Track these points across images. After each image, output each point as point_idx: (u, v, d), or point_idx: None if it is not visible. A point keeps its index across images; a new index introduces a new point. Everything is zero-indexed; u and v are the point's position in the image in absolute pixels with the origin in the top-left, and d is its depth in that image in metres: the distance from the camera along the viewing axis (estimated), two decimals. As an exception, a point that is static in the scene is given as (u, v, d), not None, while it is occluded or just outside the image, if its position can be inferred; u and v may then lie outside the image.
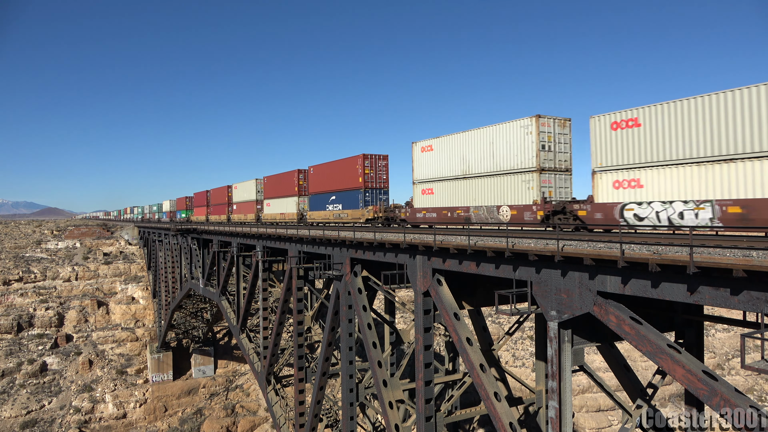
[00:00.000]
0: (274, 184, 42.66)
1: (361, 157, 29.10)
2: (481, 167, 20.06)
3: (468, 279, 17.94)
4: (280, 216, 40.70)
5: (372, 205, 28.74)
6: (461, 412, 21.52)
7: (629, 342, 10.91)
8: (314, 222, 35.25)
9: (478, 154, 20.19)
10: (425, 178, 23.43)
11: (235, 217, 52.86)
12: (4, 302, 72.32)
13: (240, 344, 40.60)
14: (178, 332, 70.45)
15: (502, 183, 19.09)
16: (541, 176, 17.61)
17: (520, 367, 58.15)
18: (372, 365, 21.27)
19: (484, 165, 19.93)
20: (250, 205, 48.05)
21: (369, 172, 29.06)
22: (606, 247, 11.36)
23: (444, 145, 22.20)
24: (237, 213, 52.21)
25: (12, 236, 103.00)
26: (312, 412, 29.07)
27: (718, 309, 22.22)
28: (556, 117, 18.02)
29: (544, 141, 17.72)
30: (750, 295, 8.85)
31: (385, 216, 27.60)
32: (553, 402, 12.60)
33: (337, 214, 32.13)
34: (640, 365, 53.60)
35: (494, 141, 19.37)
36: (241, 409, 66.45)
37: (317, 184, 35.12)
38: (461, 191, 21.16)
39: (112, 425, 62.21)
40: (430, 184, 23.14)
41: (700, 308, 14.12)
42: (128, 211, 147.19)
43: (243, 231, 36.86)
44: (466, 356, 15.52)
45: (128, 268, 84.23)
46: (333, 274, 23.53)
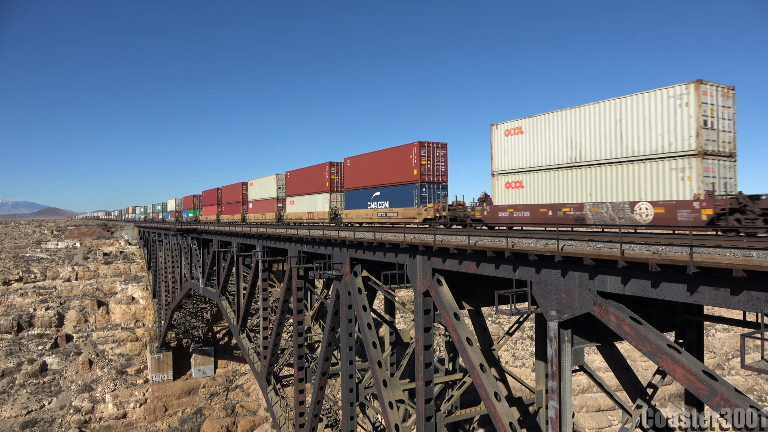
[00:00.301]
0: (300, 180, 38.82)
1: (416, 145, 24.99)
2: (602, 152, 16.08)
3: (468, 279, 17.94)
4: (308, 215, 37.28)
5: (431, 202, 25.07)
6: (461, 412, 21.53)
7: (629, 342, 10.91)
8: (352, 222, 31.61)
9: (597, 136, 16.29)
10: (510, 169, 19.57)
11: (251, 217, 49.01)
12: (4, 302, 72.31)
13: (240, 344, 40.60)
14: (178, 332, 70.43)
15: (638, 172, 15.08)
16: (703, 162, 13.64)
17: (520, 367, 58.15)
18: (372, 365, 21.26)
19: (606, 149, 15.97)
20: (270, 203, 44.50)
21: (426, 163, 25.00)
22: (606, 247, 11.36)
23: (539, 126, 18.34)
24: (253, 212, 48.55)
25: (12, 236, 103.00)
26: (312, 412, 29.07)
27: (718, 309, 22.20)
28: (719, 84, 14.37)
29: (707, 115, 13.82)
30: (750, 295, 8.85)
31: (451, 215, 23.75)
32: (553, 402, 12.60)
33: (383, 212, 27.91)
34: (640, 365, 53.59)
35: (624, 117, 15.47)
36: (241, 409, 66.45)
37: (356, 178, 31.07)
38: (568, 184, 17.23)
39: (112, 425, 62.20)
40: (518, 175, 19.30)
41: (700, 308, 14.11)
42: (130, 210, 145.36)
43: (243, 231, 36.83)
44: (466, 356, 15.52)
45: (128, 268, 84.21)
46: (333, 274, 23.52)
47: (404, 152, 26.09)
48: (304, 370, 31.00)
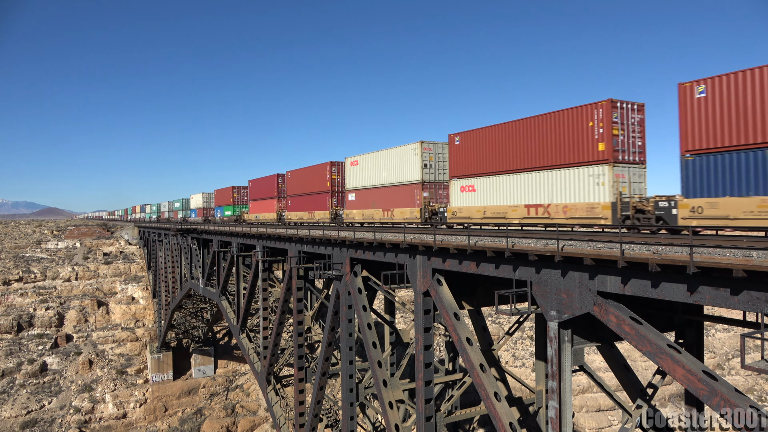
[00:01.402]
0: None
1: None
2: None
3: (468, 279, 17.93)
4: None
5: None
6: (461, 412, 21.53)
7: (629, 342, 10.91)
8: None
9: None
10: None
11: (356, 215, 30.48)
12: (4, 302, 72.31)
13: (240, 344, 40.60)
14: (178, 332, 70.43)
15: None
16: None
17: (520, 367, 58.15)
18: (372, 365, 21.26)
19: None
20: (402, 192, 26.21)
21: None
22: (606, 247, 11.36)
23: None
24: (358, 206, 30.52)
25: (12, 236, 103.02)
26: (312, 412, 29.07)
27: (718, 309, 22.17)
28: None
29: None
30: (750, 295, 8.85)
31: None
32: (553, 402, 12.60)
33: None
34: (640, 365, 53.57)
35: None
36: (241, 409, 66.46)
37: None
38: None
39: (112, 425, 62.21)
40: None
41: (700, 308, 14.11)
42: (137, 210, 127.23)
43: (243, 231, 36.85)
44: (466, 356, 15.52)
45: (128, 268, 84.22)
46: (333, 274, 23.52)
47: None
48: (304, 370, 31.01)
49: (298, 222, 39.48)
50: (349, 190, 31.44)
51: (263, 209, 47.53)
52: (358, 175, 30.41)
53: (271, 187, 45.60)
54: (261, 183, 48.54)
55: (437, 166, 24.88)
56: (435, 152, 24.86)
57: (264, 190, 47.51)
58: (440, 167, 24.90)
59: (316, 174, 36.47)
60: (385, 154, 27.61)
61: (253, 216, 50.08)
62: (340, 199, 34.28)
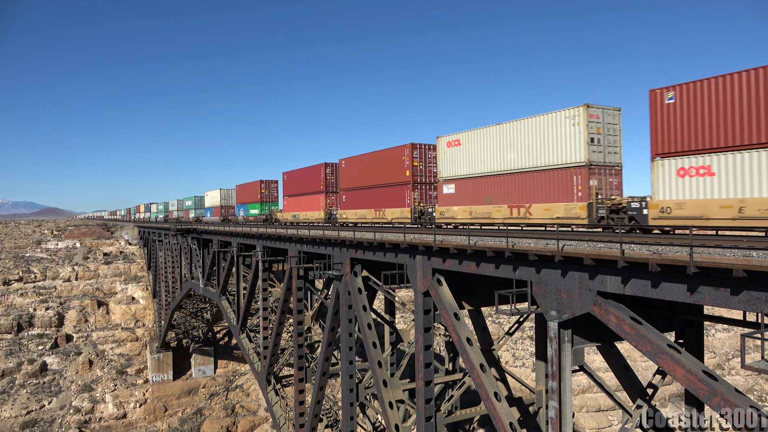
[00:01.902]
0: None
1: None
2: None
3: (468, 279, 17.93)
4: None
5: None
6: (461, 412, 21.54)
7: (629, 342, 10.91)
8: None
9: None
10: None
11: (457, 214, 22.43)
12: (4, 302, 72.31)
13: (240, 344, 40.61)
14: (178, 332, 70.43)
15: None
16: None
17: (520, 367, 58.15)
18: (372, 365, 21.27)
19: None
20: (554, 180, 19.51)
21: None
22: (606, 247, 11.36)
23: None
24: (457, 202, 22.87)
25: (12, 236, 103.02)
26: (312, 412, 29.07)
27: (718, 309, 22.17)
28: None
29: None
30: (750, 295, 8.85)
31: None
32: (553, 402, 12.60)
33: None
34: (640, 365, 53.58)
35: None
36: (241, 409, 66.45)
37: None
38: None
39: (112, 425, 62.21)
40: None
41: (700, 308, 14.11)
42: (141, 209, 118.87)
43: (243, 231, 36.86)
44: (466, 356, 15.52)
45: (128, 268, 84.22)
46: (333, 274, 23.52)
47: None
48: (304, 370, 31.01)
49: (359, 224, 30.59)
50: (445, 180, 23.55)
51: (304, 206, 38.96)
52: (460, 160, 22.64)
53: (315, 180, 36.80)
54: (301, 175, 39.60)
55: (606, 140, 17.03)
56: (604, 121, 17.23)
57: (305, 184, 38.69)
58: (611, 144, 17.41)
59: (388, 160, 27.64)
60: (513, 126, 19.54)
61: (289, 215, 41.48)
62: (423, 192, 26.23)
